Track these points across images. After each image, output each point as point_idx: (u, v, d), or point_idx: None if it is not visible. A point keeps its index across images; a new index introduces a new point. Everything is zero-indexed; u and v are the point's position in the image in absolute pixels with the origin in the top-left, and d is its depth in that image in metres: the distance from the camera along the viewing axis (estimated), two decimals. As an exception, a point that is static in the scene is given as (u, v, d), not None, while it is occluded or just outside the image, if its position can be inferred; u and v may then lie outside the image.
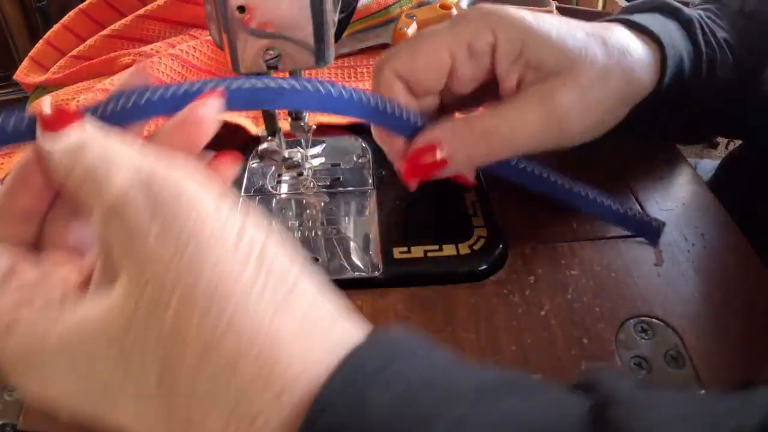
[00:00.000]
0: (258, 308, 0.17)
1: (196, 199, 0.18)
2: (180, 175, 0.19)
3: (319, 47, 0.29)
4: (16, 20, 1.56)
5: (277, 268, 0.18)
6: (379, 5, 0.57)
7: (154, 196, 0.18)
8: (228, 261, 0.18)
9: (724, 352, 0.30)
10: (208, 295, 0.17)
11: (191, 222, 0.18)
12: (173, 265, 0.17)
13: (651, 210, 0.38)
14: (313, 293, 0.19)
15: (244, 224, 0.19)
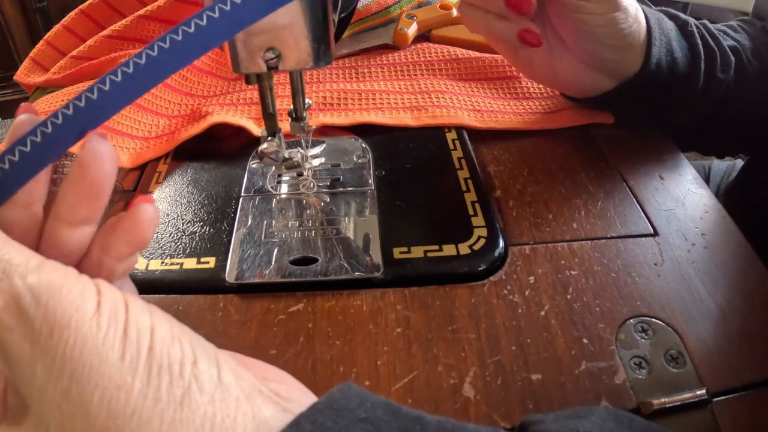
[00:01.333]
0: (154, 424, 0.17)
1: (71, 318, 0.17)
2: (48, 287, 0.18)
3: (319, 47, 0.29)
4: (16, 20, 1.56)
5: (168, 367, 0.18)
6: (380, 6, 0.57)
7: (29, 328, 0.17)
8: (116, 378, 0.17)
9: (724, 352, 0.30)
10: (103, 422, 0.17)
11: (68, 346, 0.17)
12: (66, 403, 0.17)
13: (651, 210, 0.38)
14: (213, 381, 0.18)
15: (126, 325, 0.18)
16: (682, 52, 0.41)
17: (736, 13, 1.82)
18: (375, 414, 0.18)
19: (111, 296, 0.19)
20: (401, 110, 0.47)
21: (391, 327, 0.31)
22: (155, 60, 0.20)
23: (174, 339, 0.19)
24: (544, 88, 0.51)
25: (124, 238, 0.22)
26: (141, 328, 0.18)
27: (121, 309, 0.18)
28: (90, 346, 0.17)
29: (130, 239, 0.22)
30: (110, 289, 0.19)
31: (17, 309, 0.17)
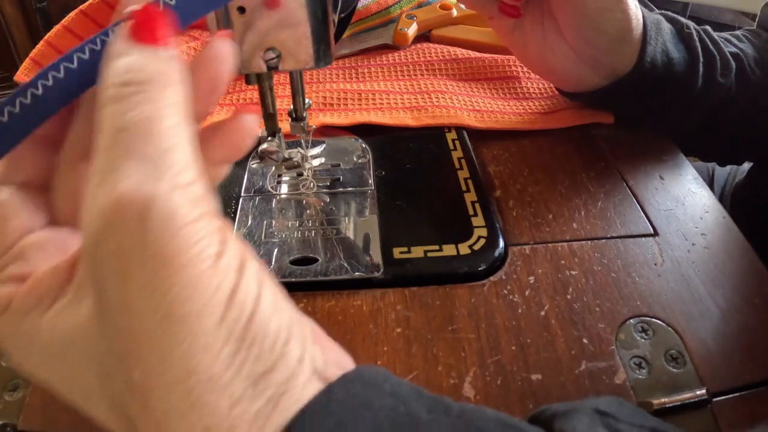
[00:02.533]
0: (225, 393, 0.17)
1: (193, 257, 0.17)
2: (191, 217, 0.17)
3: (319, 47, 0.29)
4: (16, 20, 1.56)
5: (261, 341, 0.17)
6: (380, 6, 0.57)
7: (148, 241, 0.16)
8: (207, 338, 0.17)
9: (724, 352, 0.30)
10: (177, 375, 0.16)
11: (176, 291, 0.16)
12: (144, 337, 0.16)
13: (651, 210, 0.38)
14: (296, 361, 0.18)
15: (236, 285, 0.17)
16: (680, 53, 0.41)
17: (735, 14, 1.82)
18: (401, 390, 0.19)
19: (232, 250, 0.18)
20: (401, 110, 0.47)
21: (391, 327, 0.31)
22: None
23: (275, 312, 0.18)
24: (544, 88, 0.51)
25: (222, 144, 0.21)
26: (248, 293, 0.18)
27: (235, 267, 0.18)
28: (194, 300, 0.16)
29: (228, 144, 0.21)
30: (233, 242, 0.18)
31: (143, 218, 0.16)
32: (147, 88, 0.17)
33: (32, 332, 0.19)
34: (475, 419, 0.18)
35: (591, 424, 0.19)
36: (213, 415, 0.17)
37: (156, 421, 0.17)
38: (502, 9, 0.41)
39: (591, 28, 0.39)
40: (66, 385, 0.19)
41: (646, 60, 0.39)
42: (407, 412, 0.18)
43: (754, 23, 0.50)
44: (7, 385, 0.28)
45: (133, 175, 0.16)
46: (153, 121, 0.17)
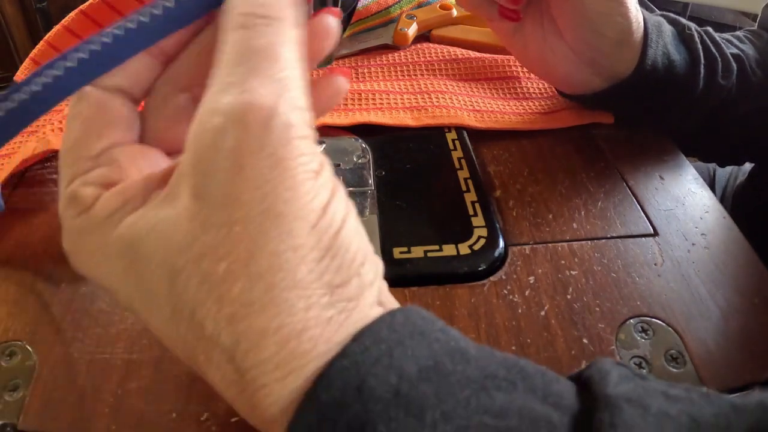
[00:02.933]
0: (304, 294, 0.18)
1: (299, 165, 0.18)
2: (304, 132, 0.19)
3: (319, 47, 0.29)
4: (16, 20, 1.56)
5: (342, 255, 0.19)
6: (380, 6, 0.57)
7: (266, 142, 0.18)
8: (299, 240, 0.18)
9: (724, 352, 0.30)
10: (263, 269, 0.17)
11: (280, 190, 0.18)
12: (240, 228, 0.17)
13: (651, 210, 0.38)
14: (366, 285, 0.20)
15: (329, 201, 0.19)
16: (681, 55, 0.41)
17: (735, 14, 1.82)
18: (449, 331, 0.20)
19: (329, 171, 0.20)
20: (401, 110, 0.47)
21: (391, 327, 0.31)
22: None
23: (357, 234, 0.20)
24: (544, 88, 0.51)
25: (315, 96, 0.22)
26: (338, 210, 0.19)
27: (330, 184, 0.19)
28: (295, 200, 0.18)
29: (319, 98, 0.23)
30: (329, 167, 0.20)
31: (266, 123, 0.18)
32: (273, 22, 0.19)
33: (110, 229, 0.19)
34: (519, 361, 0.20)
35: (613, 366, 0.20)
36: (288, 313, 0.18)
37: (231, 314, 0.17)
38: (502, 12, 0.41)
39: (591, 31, 0.39)
40: (130, 288, 0.19)
41: (647, 62, 0.39)
42: (458, 347, 0.19)
43: (754, 23, 0.50)
44: (7, 385, 0.28)
45: (260, 88, 0.18)
46: (279, 48, 0.19)
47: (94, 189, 0.20)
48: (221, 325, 0.18)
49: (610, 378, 0.19)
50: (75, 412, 0.27)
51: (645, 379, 0.20)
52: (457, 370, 0.18)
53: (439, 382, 0.18)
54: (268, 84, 0.18)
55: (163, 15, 0.20)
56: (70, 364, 0.29)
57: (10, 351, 0.30)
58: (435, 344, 0.19)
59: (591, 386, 0.19)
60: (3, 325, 0.31)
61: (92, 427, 0.27)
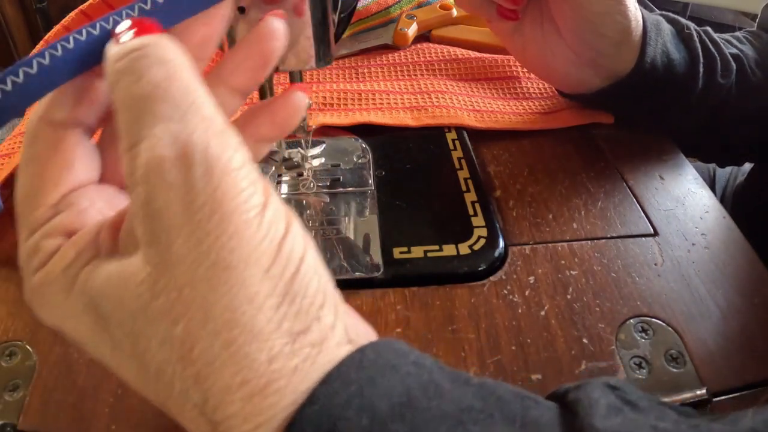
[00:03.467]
0: (264, 347, 0.17)
1: (239, 206, 0.17)
2: (226, 164, 0.17)
3: (319, 47, 0.29)
4: (16, 21, 1.56)
5: (300, 301, 0.18)
6: (380, 6, 0.57)
7: (191, 196, 0.16)
8: (252, 290, 0.17)
9: (724, 352, 0.30)
10: (219, 326, 0.17)
11: (224, 240, 0.16)
12: (189, 289, 0.17)
13: (651, 210, 0.38)
14: (328, 328, 0.18)
15: (282, 239, 0.18)
16: (680, 54, 0.41)
17: (735, 14, 1.82)
18: (425, 362, 0.19)
19: (276, 200, 0.18)
20: (401, 110, 0.47)
21: (391, 327, 0.31)
22: None
23: (316, 273, 0.18)
24: (544, 88, 0.51)
25: (269, 117, 0.22)
26: (295, 247, 0.18)
27: (283, 219, 0.18)
28: (243, 248, 0.17)
29: (274, 119, 0.22)
30: (276, 194, 0.18)
31: (186, 170, 0.16)
32: (151, 52, 0.18)
33: (69, 284, 0.19)
34: (496, 389, 0.19)
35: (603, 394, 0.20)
36: (251, 368, 0.17)
37: (195, 374, 0.17)
38: (501, 12, 0.41)
39: (591, 31, 0.39)
40: (99, 343, 0.19)
41: (646, 61, 0.39)
42: (431, 380, 0.18)
43: (754, 24, 0.50)
44: (7, 385, 0.28)
45: (166, 135, 0.17)
46: (169, 81, 0.17)
47: (54, 240, 0.19)
48: (188, 383, 0.17)
49: (598, 408, 0.19)
50: (75, 412, 0.27)
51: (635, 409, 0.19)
52: (431, 405, 0.17)
53: (414, 420, 0.17)
54: (173, 125, 0.17)
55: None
56: (70, 364, 0.29)
57: (10, 351, 0.30)
58: (408, 379, 0.18)
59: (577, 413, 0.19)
60: (3, 325, 0.31)
61: (92, 427, 0.27)
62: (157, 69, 0.17)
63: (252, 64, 0.22)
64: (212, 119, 0.17)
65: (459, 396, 0.18)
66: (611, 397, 0.20)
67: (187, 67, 0.18)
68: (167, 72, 0.17)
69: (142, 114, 0.17)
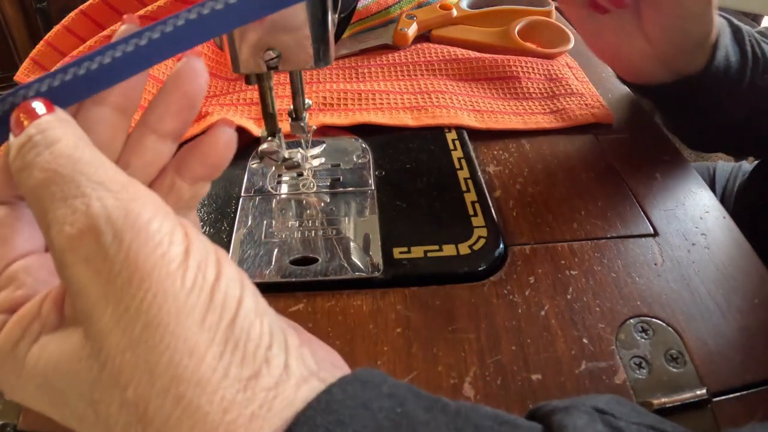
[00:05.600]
0: (215, 398, 0.16)
1: (155, 267, 0.16)
2: (134, 227, 0.17)
3: (319, 47, 0.29)
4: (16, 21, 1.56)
5: (243, 345, 0.17)
6: (380, 6, 0.57)
7: (107, 267, 0.16)
8: (189, 343, 0.16)
9: (724, 352, 0.30)
10: (166, 383, 0.16)
11: (147, 299, 0.16)
12: (130, 353, 0.16)
13: (651, 210, 0.38)
14: (280, 367, 0.18)
15: (214, 286, 0.17)
16: (735, 56, 0.41)
17: (736, 14, 1.82)
18: (399, 391, 0.18)
19: (201, 245, 0.18)
20: (401, 110, 0.47)
21: (391, 327, 0.31)
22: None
23: (257, 317, 0.18)
24: (544, 88, 0.51)
25: (201, 159, 0.22)
26: (229, 295, 0.17)
27: (212, 265, 0.18)
28: (170, 303, 0.16)
29: (206, 160, 0.22)
30: (199, 236, 0.18)
31: (94, 241, 0.16)
32: (38, 140, 0.18)
33: (19, 364, 0.18)
34: (472, 417, 0.18)
35: (590, 421, 0.19)
36: (206, 421, 0.16)
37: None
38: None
39: (680, 29, 0.39)
40: (59, 413, 0.19)
41: (715, 64, 0.40)
42: (405, 413, 0.18)
43: (754, 23, 0.50)
44: (7, 385, 0.28)
45: (68, 215, 0.17)
46: (59, 162, 0.17)
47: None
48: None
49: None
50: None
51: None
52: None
53: None
54: (69, 203, 0.17)
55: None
56: (70, 364, 0.29)
57: (10, 351, 0.30)
58: (379, 414, 0.17)
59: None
60: (3, 325, 0.31)
61: None
62: (45, 155, 0.18)
63: (177, 108, 0.22)
64: (108, 183, 0.17)
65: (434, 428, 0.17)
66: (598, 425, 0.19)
67: (76, 141, 0.18)
68: (55, 154, 0.18)
69: (44, 202, 0.17)
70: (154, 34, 0.20)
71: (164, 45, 0.20)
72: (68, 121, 0.19)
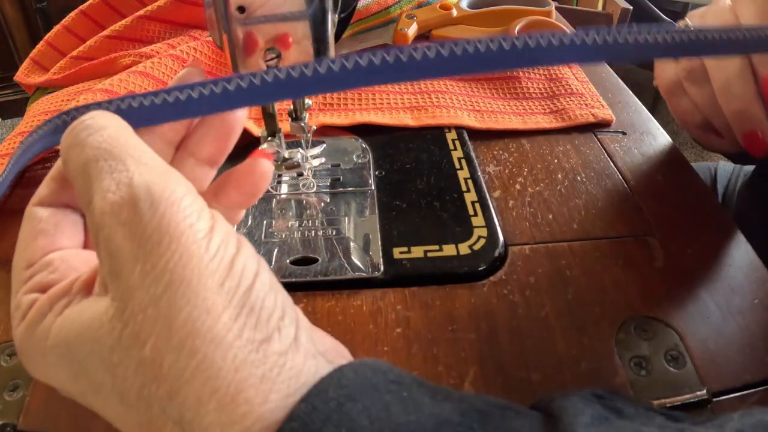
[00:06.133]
0: (228, 356, 0.18)
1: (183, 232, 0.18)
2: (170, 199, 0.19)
3: (319, 47, 0.29)
4: (16, 21, 1.56)
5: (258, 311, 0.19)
6: (380, 6, 0.57)
7: (140, 230, 0.18)
8: (207, 302, 0.18)
9: (724, 352, 0.30)
10: (183, 337, 0.18)
11: (174, 259, 0.18)
12: (152, 309, 0.18)
13: (651, 210, 0.38)
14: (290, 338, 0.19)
15: (234, 257, 0.19)
16: None
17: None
18: (404, 379, 0.19)
19: (224, 226, 0.20)
20: (401, 110, 0.47)
21: (391, 327, 0.31)
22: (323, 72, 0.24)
23: (271, 290, 0.19)
24: (544, 88, 0.51)
25: (237, 186, 0.23)
26: (247, 267, 0.19)
27: (233, 242, 0.19)
28: (194, 264, 0.18)
29: (242, 188, 0.24)
30: (223, 220, 0.20)
31: (133, 208, 0.18)
32: (90, 123, 0.21)
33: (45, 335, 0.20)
34: (476, 403, 0.19)
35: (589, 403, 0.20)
36: (219, 377, 0.17)
37: (168, 390, 0.18)
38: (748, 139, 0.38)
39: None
40: (77, 387, 0.20)
41: None
42: (411, 397, 0.19)
43: None
44: (7, 385, 0.28)
45: (112, 185, 0.19)
46: (108, 142, 0.20)
47: (32, 295, 0.21)
48: (164, 401, 0.18)
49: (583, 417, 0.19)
50: (75, 412, 0.27)
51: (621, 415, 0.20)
52: (410, 420, 0.18)
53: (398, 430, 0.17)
54: (114, 174, 0.19)
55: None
56: (70, 364, 0.29)
57: (10, 351, 0.30)
58: (387, 396, 0.18)
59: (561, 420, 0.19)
60: (3, 325, 0.31)
61: (92, 427, 0.27)
62: (96, 135, 0.20)
63: (216, 134, 0.24)
64: (151, 164, 0.20)
65: (438, 411, 0.18)
66: (597, 407, 0.20)
67: (123, 130, 0.21)
68: (105, 136, 0.20)
69: (90, 175, 0.19)
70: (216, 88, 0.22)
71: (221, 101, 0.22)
72: (116, 116, 0.22)
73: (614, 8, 1.25)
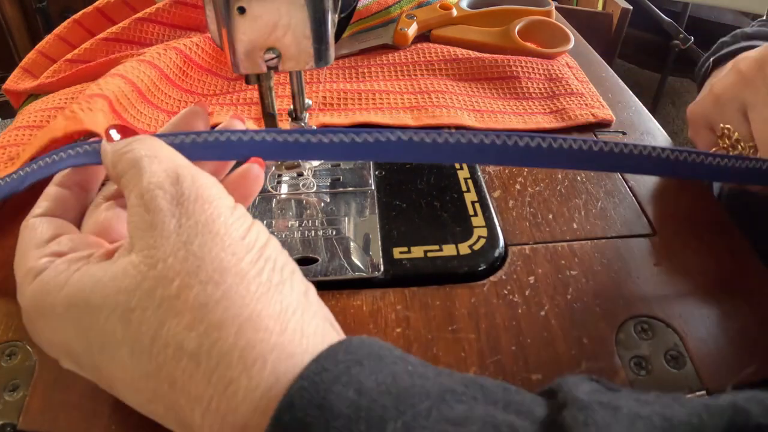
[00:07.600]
0: (250, 288, 0.20)
1: (215, 198, 0.22)
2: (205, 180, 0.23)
3: (319, 47, 0.29)
4: (16, 21, 1.56)
5: (274, 260, 0.22)
6: (380, 6, 0.57)
7: (180, 194, 0.22)
8: (233, 246, 0.21)
9: (724, 352, 0.30)
10: (210, 272, 0.20)
11: (206, 214, 0.21)
12: (183, 251, 0.20)
13: (651, 210, 0.38)
14: (301, 291, 0.22)
15: (252, 224, 0.22)
16: None
17: (735, 14, 1.82)
18: (408, 357, 0.21)
19: (243, 209, 0.23)
20: (401, 110, 0.47)
21: (391, 327, 0.31)
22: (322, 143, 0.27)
23: (283, 252, 0.23)
24: (544, 88, 0.51)
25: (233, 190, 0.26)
26: (261, 233, 0.23)
27: (248, 217, 0.23)
28: (222, 220, 0.22)
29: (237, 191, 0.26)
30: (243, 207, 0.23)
31: (177, 180, 0.22)
32: (138, 139, 0.25)
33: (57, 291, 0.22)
34: (477, 379, 0.20)
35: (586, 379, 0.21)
36: (242, 305, 0.20)
37: (191, 320, 0.19)
38: None
39: None
40: (84, 339, 0.21)
41: None
42: (415, 370, 0.20)
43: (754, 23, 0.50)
44: (7, 385, 0.28)
45: (160, 169, 0.23)
46: (154, 150, 0.24)
47: (47, 259, 0.23)
48: (182, 335, 0.19)
49: (582, 387, 0.20)
50: (75, 412, 0.27)
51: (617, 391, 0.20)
52: (416, 384, 0.19)
53: (399, 395, 0.18)
54: (162, 165, 0.23)
55: None
56: (70, 364, 0.29)
57: (10, 351, 0.30)
58: (393, 366, 0.20)
59: (561, 391, 0.20)
60: (3, 325, 0.31)
61: (92, 427, 0.27)
62: (147, 142, 0.25)
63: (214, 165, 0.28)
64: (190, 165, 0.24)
65: (442, 381, 0.20)
66: (594, 384, 0.21)
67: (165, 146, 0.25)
68: (151, 146, 0.24)
69: (142, 166, 0.23)
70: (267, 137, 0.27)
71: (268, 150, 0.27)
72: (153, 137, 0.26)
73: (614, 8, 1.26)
